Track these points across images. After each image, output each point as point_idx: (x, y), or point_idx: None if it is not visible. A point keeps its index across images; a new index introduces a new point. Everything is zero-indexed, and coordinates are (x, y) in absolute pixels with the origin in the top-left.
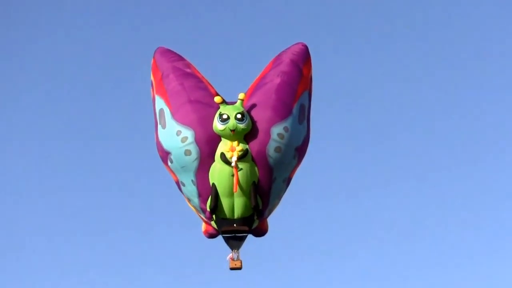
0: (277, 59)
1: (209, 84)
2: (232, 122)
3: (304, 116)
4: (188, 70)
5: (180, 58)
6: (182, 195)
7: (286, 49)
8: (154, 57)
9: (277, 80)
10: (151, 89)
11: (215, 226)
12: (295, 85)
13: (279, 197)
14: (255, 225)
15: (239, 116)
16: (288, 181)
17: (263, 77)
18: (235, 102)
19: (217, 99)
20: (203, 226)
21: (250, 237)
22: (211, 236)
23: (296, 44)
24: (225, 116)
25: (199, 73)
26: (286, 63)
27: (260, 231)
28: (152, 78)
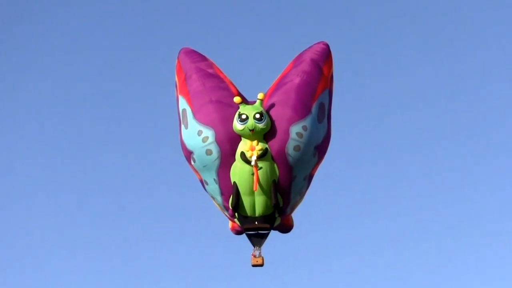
0: (298, 58)
1: (231, 83)
2: (251, 122)
3: (324, 115)
4: (211, 71)
5: (204, 59)
6: (207, 193)
7: (308, 48)
8: (178, 58)
9: (297, 80)
10: (175, 90)
11: (238, 223)
12: (314, 84)
13: (300, 195)
14: (277, 222)
15: (257, 116)
16: (309, 178)
17: (283, 77)
18: (255, 102)
19: (236, 99)
20: (230, 223)
21: (275, 233)
22: (238, 232)
23: (317, 43)
24: (244, 116)
25: (221, 73)
26: (306, 63)
27: (285, 228)
28: (176, 78)
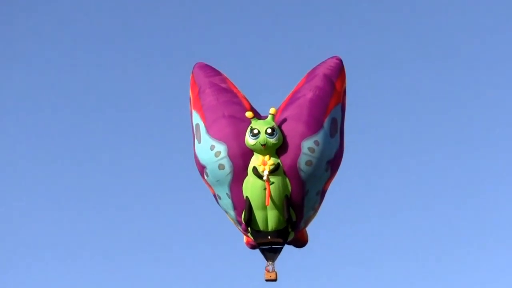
0: (311, 73)
1: (245, 98)
2: (262, 137)
3: (336, 130)
4: (224, 85)
5: (217, 73)
6: (220, 208)
7: (321, 63)
8: (192, 73)
9: (309, 95)
10: (190, 104)
11: (252, 238)
12: (327, 99)
13: (314, 209)
14: (290, 237)
15: (269, 130)
16: (322, 193)
17: (296, 92)
18: (267, 117)
19: (248, 114)
20: (245, 237)
21: (290, 248)
22: (253, 247)
23: (330, 58)
24: (255, 131)
25: (235, 87)
26: (319, 77)
27: (300, 242)
28: (190, 93)
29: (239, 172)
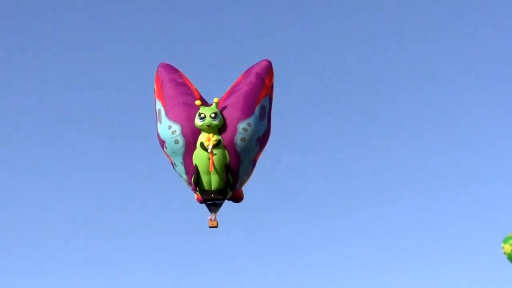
0: (247, 72)
1: (196, 90)
2: (208, 120)
3: (264, 115)
4: (180, 80)
5: (176, 71)
6: (176, 173)
7: (255, 64)
8: (157, 70)
9: (245, 88)
10: (154, 94)
11: (202, 195)
12: (258, 92)
13: (247, 175)
14: (229, 195)
15: (213, 115)
16: (253, 162)
17: (235, 86)
18: (211, 104)
19: (197, 102)
20: (195, 195)
21: (230, 203)
22: (201, 202)
23: (262, 60)
24: (202, 115)
25: (189, 81)
26: (253, 75)
27: (237, 199)
28: (154, 86)
29: (190, 146)
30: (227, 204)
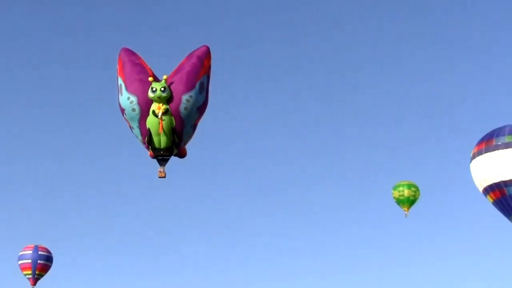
0: (190, 55)
1: (150, 69)
2: (158, 92)
3: (203, 89)
4: (137, 61)
5: (134, 54)
6: (133, 134)
7: (196, 48)
8: (119, 53)
9: (188, 68)
10: (116, 72)
11: (152, 152)
12: (198, 71)
13: (189, 136)
14: (175, 152)
15: (162, 89)
16: (194, 126)
17: (180, 66)
18: (161, 80)
19: (150, 79)
20: (148, 152)
21: (175, 159)
22: (153, 157)
23: (202, 46)
24: (154, 89)
25: (144, 62)
26: (194, 58)
27: (182, 155)
28: (117, 66)
29: (144, 113)
30: (173, 159)
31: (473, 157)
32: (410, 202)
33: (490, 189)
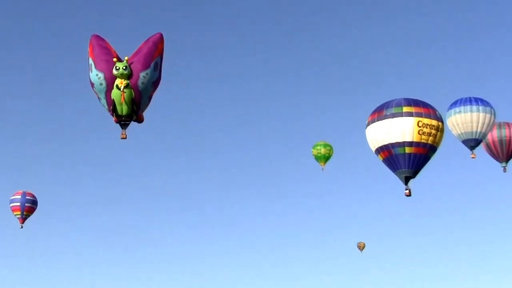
0: (147, 40)
1: (114, 52)
2: (121, 70)
3: (157, 68)
4: (104, 45)
5: (102, 40)
6: (101, 104)
7: (152, 35)
8: (90, 39)
9: (145, 50)
10: (87, 54)
11: (116, 118)
12: (153, 53)
13: (146, 105)
14: (134, 118)
15: (124, 67)
16: (150, 97)
17: (139, 49)
18: (123, 61)
19: (114, 59)
20: (113, 118)
21: (135, 124)
22: (117, 122)
23: (157, 33)
24: (117, 67)
25: (110, 46)
26: (150, 42)
27: (140, 120)
28: (88, 48)
29: (109, 87)
30: (133, 124)
31: (368, 124)
32: (325, 158)
33: (381, 150)
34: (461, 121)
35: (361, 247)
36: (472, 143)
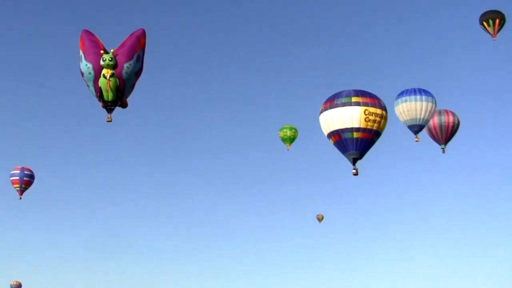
0: (131, 35)
1: (102, 45)
2: (107, 61)
3: (139, 59)
4: (93, 39)
5: (92, 34)
6: (89, 91)
7: (136, 30)
8: (81, 34)
9: (129, 43)
10: (78, 46)
11: (103, 103)
12: (136, 46)
13: (129, 93)
14: (119, 103)
15: (110, 59)
16: (133, 85)
17: (124, 42)
18: (109, 53)
19: (102, 51)
20: (100, 103)
21: (119, 109)
22: (103, 107)
23: (140, 28)
24: (104, 59)
25: (98, 39)
26: (134, 37)
27: (124, 106)
28: (79, 41)
29: (97, 76)
30: (118, 110)
31: (321, 111)
32: (291, 140)
33: (332, 134)
34: (407, 109)
35: (320, 218)
36: (416, 128)
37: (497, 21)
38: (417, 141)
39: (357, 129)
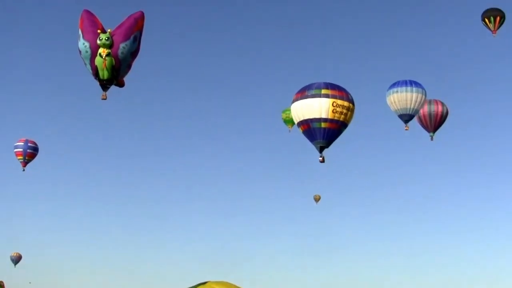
0: (129, 17)
1: (100, 24)
2: (103, 41)
3: (136, 40)
4: (92, 19)
5: (91, 14)
6: (87, 69)
7: (135, 12)
8: (81, 13)
9: (126, 25)
10: (78, 25)
11: (99, 82)
12: (133, 28)
13: (125, 72)
14: (115, 82)
15: (106, 38)
16: (129, 66)
17: (122, 23)
18: (106, 32)
19: (99, 31)
20: (97, 82)
21: (115, 88)
22: (100, 85)
23: (138, 11)
24: (101, 38)
25: (97, 19)
26: (132, 18)
27: (120, 85)
28: (79, 21)
29: (94, 54)
30: (113, 88)
31: (293, 101)
32: (293, 122)
33: (302, 123)
34: (398, 99)
35: (317, 199)
36: (407, 117)
37: (498, 18)
38: (407, 129)
39: (325, 120)
